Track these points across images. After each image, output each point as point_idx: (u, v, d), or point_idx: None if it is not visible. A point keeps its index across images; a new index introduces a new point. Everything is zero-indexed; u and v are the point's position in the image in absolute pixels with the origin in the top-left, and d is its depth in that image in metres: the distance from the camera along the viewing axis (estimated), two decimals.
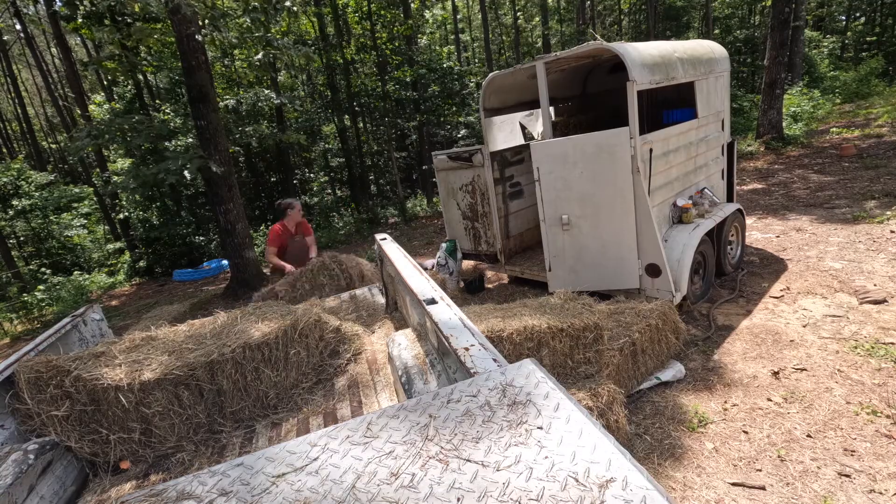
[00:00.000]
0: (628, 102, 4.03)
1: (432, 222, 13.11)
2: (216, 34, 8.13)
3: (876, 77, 18.23)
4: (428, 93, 15.62)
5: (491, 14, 26.06)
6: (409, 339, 2.88)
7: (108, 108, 13.97)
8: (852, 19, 25.41)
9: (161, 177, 7.31)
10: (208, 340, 3.01)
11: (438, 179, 6.52)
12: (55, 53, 26.32)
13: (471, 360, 1.63)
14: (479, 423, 1.18)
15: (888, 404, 3.03)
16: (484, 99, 5.78)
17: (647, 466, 2.86)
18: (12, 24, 21.56)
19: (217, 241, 13.73)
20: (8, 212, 13.48)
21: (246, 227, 8.61)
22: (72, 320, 3.45)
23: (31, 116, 25.53)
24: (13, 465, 2.18)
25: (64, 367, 2.67)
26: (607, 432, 1.09)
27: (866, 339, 3.76)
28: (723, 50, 5.40)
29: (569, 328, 3.05)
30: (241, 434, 2.84)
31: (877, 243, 5.48)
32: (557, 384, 1.30)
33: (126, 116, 9.39)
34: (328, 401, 3.02)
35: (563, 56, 4.63)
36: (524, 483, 0.98)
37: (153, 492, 1.11)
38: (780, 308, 4.45)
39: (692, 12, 23.57)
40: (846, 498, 2.46)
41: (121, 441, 2.70)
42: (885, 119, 12.36)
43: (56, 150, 28.77)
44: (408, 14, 15.94)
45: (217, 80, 14.76)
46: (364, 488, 1.03)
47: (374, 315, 4.21)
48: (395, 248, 3.69)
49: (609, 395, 2.95)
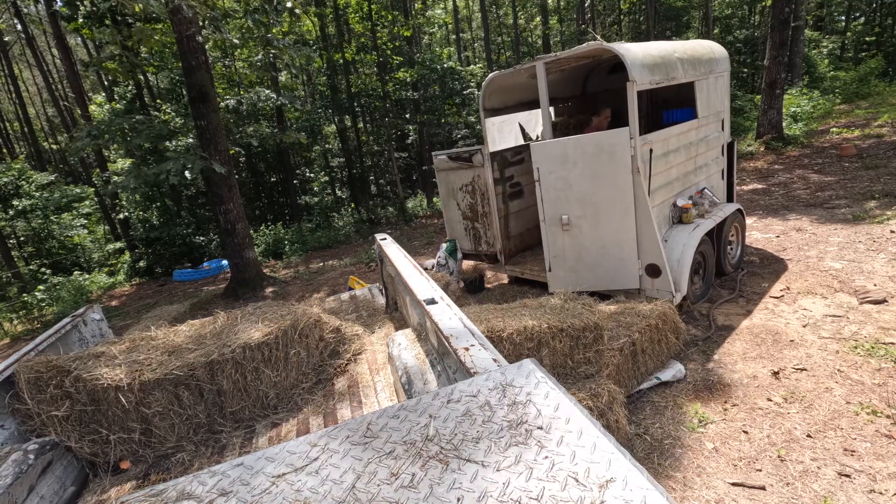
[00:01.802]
0: (628, 102, 4.03)
1: (432, 222, 13.12)
2: (216, 35, 8.13)
3: (876, 77, 18.22)
4: (428, 93, 15.63)
5: (491, 14, 26.07)
6: (409, 339, 2.88)
7: (109, 109, 13.97)
8: (852, 19, 25.40)
9: (162, 177, 7.31)
10: (208, 340, 3.01)
11: (438, 179, 6.52)
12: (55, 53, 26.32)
13: (471, 360, 1.64)
14: (479, 423, 1.18)
15: (888, 404, 3.03)
16: (484, 99, 5.78)
17: (647, 466, 2.86)
18: (13, 24, 21.58)
19: (217, 241, 13.73)
20: (8, 212, 13.48)
21: (246, 227, 8.61)
22: (72, 320, 3.45)
23: (31, 116, 25.54)
24: (13, 465, 2.18)
25: (64, 367, 2.67)
26: (607, 432, 1.09)
27: (866, 339, 3.76)
28: (723, 50, 5.40)
29: (569, 328, 3.05)
30: (241, 434, 2.84)
31: (877, 243, 5.48)
32: (557, 384, 1.30)
33: (126, 116, 9.40)
34: (328, 401, 3.02)
35: (563, 56, 4.64)
36: (524, 483, 0.98)
37: (153, 492, 1.11)
38: (780, 308, 4.45)
39: (692, 12, 23.57)
40: (846, 498, 2.45)
41: (121, 441, 2.70)
42: (885, 119, 12.35)
43: (56, 151, 28.78)
44: (408, 14, 15.95)
45: (217, 80, 14.76)
46: (364, 488, 1.03)
47: (374, 315, 4.21)
48: (396, 248, 3.70)
49: (609, 395, 2.95)
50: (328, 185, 19.02)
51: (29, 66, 29.37)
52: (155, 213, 14.01)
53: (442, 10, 23.02)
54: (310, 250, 12.68)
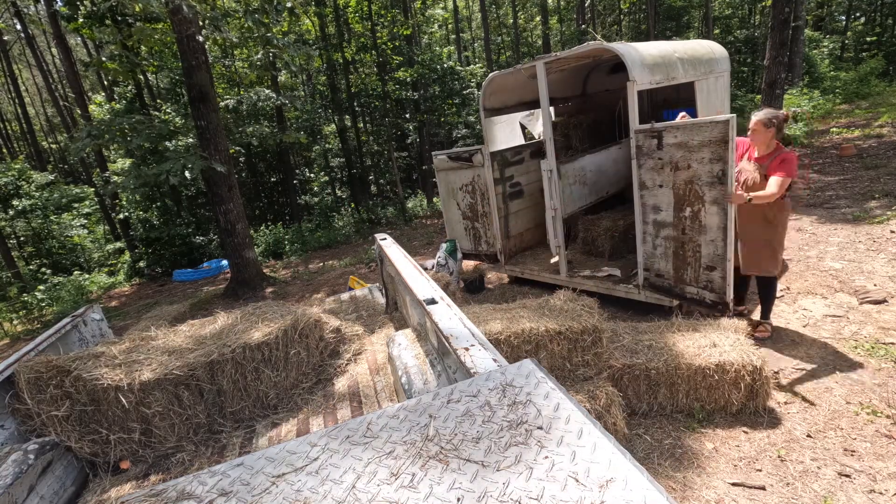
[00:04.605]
0: (629, 102, 4.03)
1: (432, 222, 13.11)
2: (216, 34, 8.13)
3: (876, 77, 18.22)
4: (428, 93, 15.62)
5: (491, 14, 26.07)
6: (409, 339, 2.88)
7: (109, 108, 13.97)
8: (852, 19, 25.40)
9: (162, 177, 7.31)
10: (208, 340, 3.01)
11: (438, 179, 6.52)
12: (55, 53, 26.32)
13: (471, 360, 1.64)
14: (479, 423, 1.18)
15: (888, 404, 3.03)
16: (484, 99, 5.78)
17: (647, 466, 2.86)
18: (13, 24, 21.58)
19: (217, 241, 13.73)
20: (8, 212, 13.48)
21: (246, 227, 8.61)
22: (72, 320, 3.45)
23: (31, 116, 25.53)
24: (13, 465, 2.18)
25: (64, 367, 2.67)
26: (607, 432, 1.09)
27: (866, 339, 3.76)
28: (723, 50, 5.40)
29: (567, 331, 3.05)
30: (241, 434, 2.84)
31: (877, 243, 5.48)
32: (557, 384, 1.30)
33: (126, 116, 9.38)
34: (328, 401, 3.02)
35: (563, 56, 4.64)
36: (524, 483, 0.98)
37: (153, 492, 1.11)
38: (780, 308, 4.45)
39: (692, 12, 23.57)
40: (846, 498, 2.45)
41: (121, 441, 2.70)
42: (885, 119, 12.35)
43: (56, 150, 28.78)
44: (407, 14, 15.95)
45: (217, 80, 14.78)
46: (364, 488, 1.03)
47: (374, 315, 4.21)
48: (396, 248, 3.69)
49: (607, 397, 2.95)
50: (328, 185, 19.03)
51: (29, 66, 29.37)
52: (155, 213, 14.01)
53: (442, 9, 23.01)
54: (310, 250, 12.68)
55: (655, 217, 4.05)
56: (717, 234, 3.61)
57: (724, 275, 3.63)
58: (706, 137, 3.46)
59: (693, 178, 3.64)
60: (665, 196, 3.91)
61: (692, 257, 3.84)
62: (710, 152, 3.47)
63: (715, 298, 3.76)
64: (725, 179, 3.41)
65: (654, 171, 3.93)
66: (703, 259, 3.76)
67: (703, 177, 3.57)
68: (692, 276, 3.89)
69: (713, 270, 3.71)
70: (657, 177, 3.93)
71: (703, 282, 3.82)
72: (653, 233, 4.13)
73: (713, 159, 3.46)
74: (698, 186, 3.62)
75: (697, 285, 3.87)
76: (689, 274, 3.90)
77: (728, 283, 3.63)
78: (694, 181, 3.64)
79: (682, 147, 3.65)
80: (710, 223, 3.64)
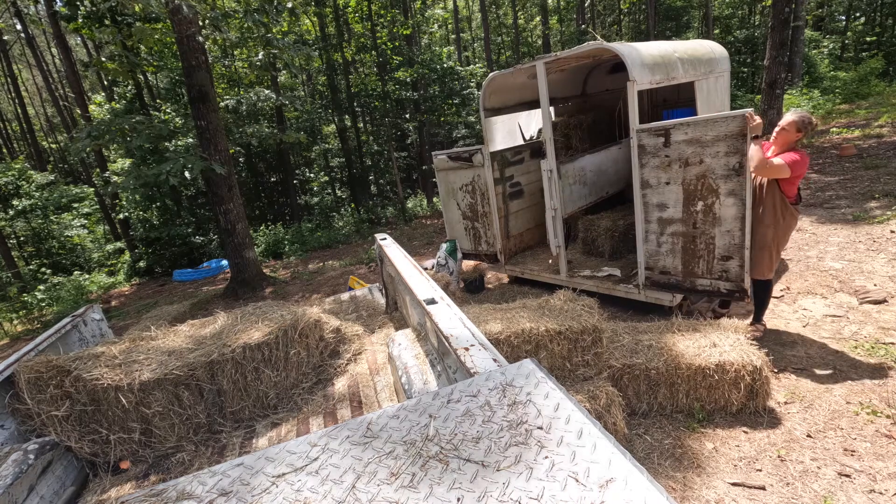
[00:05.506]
0: (629, 102, 4.03)
1: (432, 222, 13.11)
2: (216, 34, 8.13)
3: (876, 77, 18.21)
4: (428, 93, 15.62)
5: (491, 14, 26.07)
6: (409, 339, 2.87)
7: (109, 108, 13.97)
8: (852, 19, 25.39)
9: (162, 177, 7.31)
10: (208, 340, 3.01)
11: (438, 179, 6.52)
12: (55, 53, 26.33)
13: (471, 360, 1.64)
14: (479, 423, 1.18)
15: (888, 404, 3.03)
16: (484, 99, 5.78)
17: (647, 466, 2.86)
18: (13, 24, 21.58)
19: (217, 241, 13.73)
20: (8, 212, 13.48)
21: (246, 227, 8.61)
22: (72, 320, 3.45)
23: (31, 116, 25.54)
24: (13, 465, 2.18)
25: (64, 367, 2.67)
26: (607, 432, 1.09)
27: (866, 339, 3.76)
28: (723, 50, 5.41)
29: (567, 331, 3.05)
30: (241, 434, 2.84)
31: (877, 243, 5.48)
32: (557, 384, 1.30)
33: (126, 116, 9.39)
34: (328, 401, 3.02)
35: (563, 56, 4.64)
36: (524, 483, 0.98)
37: (153, 492, 1.11)
38: (780, 308, 4.45)
39: (692, 12, 23.58)
40: (846, 498, 2.45)
41: (121, 441, 2.70)
42: (885, 119, 12.35)
43: (56, 150, 28.77)
44: (407, 14, 15.95)
45: (217, 80, 14.76)
46: (364, 488, 1.03)
47: (374, 315, 4.21)
48: (396, 248, 3.69)
49: (607, 397, 2.94)
50: (328, 185, 19.03)
51: (29, 66, 29.37)
52: (155, 213, 14.02)
53: (442, 9, 23.02)
54: (309, 250, 12.68)
55: (661, 215, 4.06)
56: (733, 225, 3.65)
57: (742, 262, 3.67)
58: (721, 132, 3.50)
59: (706, 173, 3.67)
60: (672, 193, 3.93)
61: (704, 250, 3.87)
62: (725, 146, 3.50)
63: (731, 287, 3.80)
64: (742, 171, 3.45)
65: (660, 168, 3.94)
66: (718, 250, 3.79)
67: (717, 170, 3.61)
68: (704, 269, 3.92)
69: (729, 260, 3.75)
70: (663, 174, 3.94)
71: (717, 272, 3.86)
72: (657, 230, 4.14)
73: (729, 152, 3.49)
74: (712, 180, 3.65)
75: (711, 276, 3.90)
76: (701, 267, 3.93)
77: (745, 270, 3.67)
78: (707, 175, 3.67)
79: (693, 143, 3.68)
80: (725, 214, 3.67)
